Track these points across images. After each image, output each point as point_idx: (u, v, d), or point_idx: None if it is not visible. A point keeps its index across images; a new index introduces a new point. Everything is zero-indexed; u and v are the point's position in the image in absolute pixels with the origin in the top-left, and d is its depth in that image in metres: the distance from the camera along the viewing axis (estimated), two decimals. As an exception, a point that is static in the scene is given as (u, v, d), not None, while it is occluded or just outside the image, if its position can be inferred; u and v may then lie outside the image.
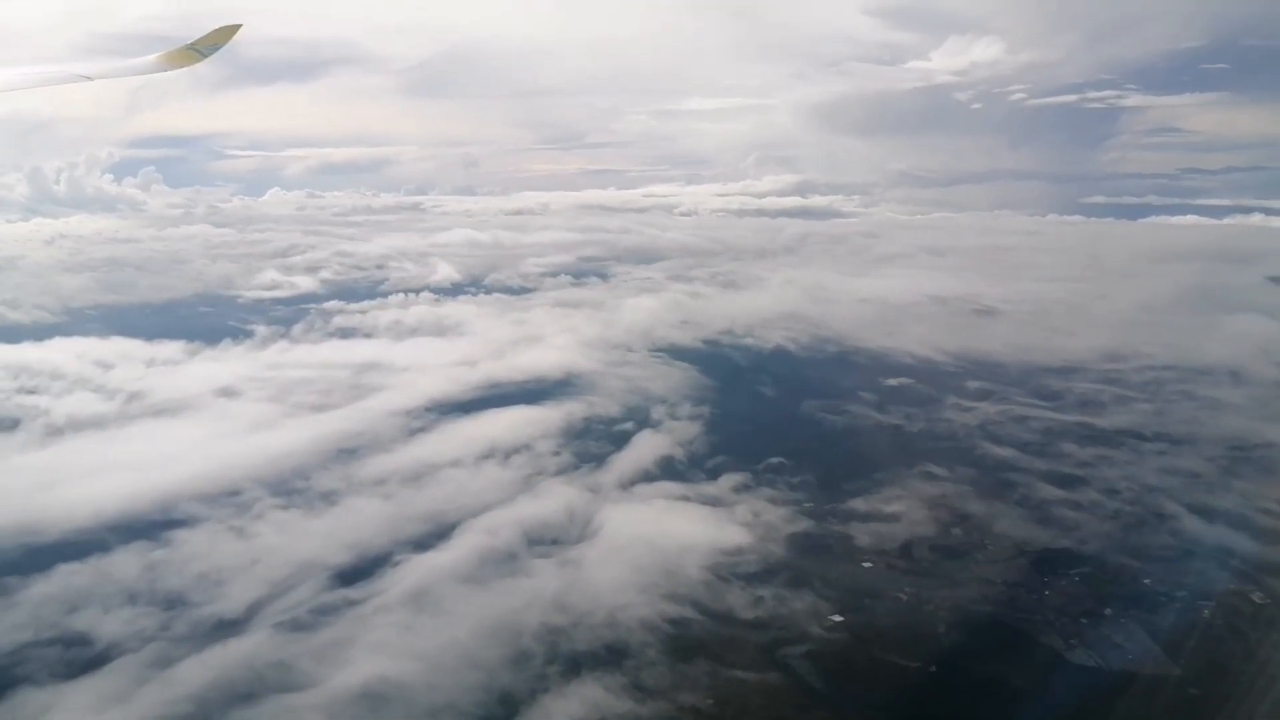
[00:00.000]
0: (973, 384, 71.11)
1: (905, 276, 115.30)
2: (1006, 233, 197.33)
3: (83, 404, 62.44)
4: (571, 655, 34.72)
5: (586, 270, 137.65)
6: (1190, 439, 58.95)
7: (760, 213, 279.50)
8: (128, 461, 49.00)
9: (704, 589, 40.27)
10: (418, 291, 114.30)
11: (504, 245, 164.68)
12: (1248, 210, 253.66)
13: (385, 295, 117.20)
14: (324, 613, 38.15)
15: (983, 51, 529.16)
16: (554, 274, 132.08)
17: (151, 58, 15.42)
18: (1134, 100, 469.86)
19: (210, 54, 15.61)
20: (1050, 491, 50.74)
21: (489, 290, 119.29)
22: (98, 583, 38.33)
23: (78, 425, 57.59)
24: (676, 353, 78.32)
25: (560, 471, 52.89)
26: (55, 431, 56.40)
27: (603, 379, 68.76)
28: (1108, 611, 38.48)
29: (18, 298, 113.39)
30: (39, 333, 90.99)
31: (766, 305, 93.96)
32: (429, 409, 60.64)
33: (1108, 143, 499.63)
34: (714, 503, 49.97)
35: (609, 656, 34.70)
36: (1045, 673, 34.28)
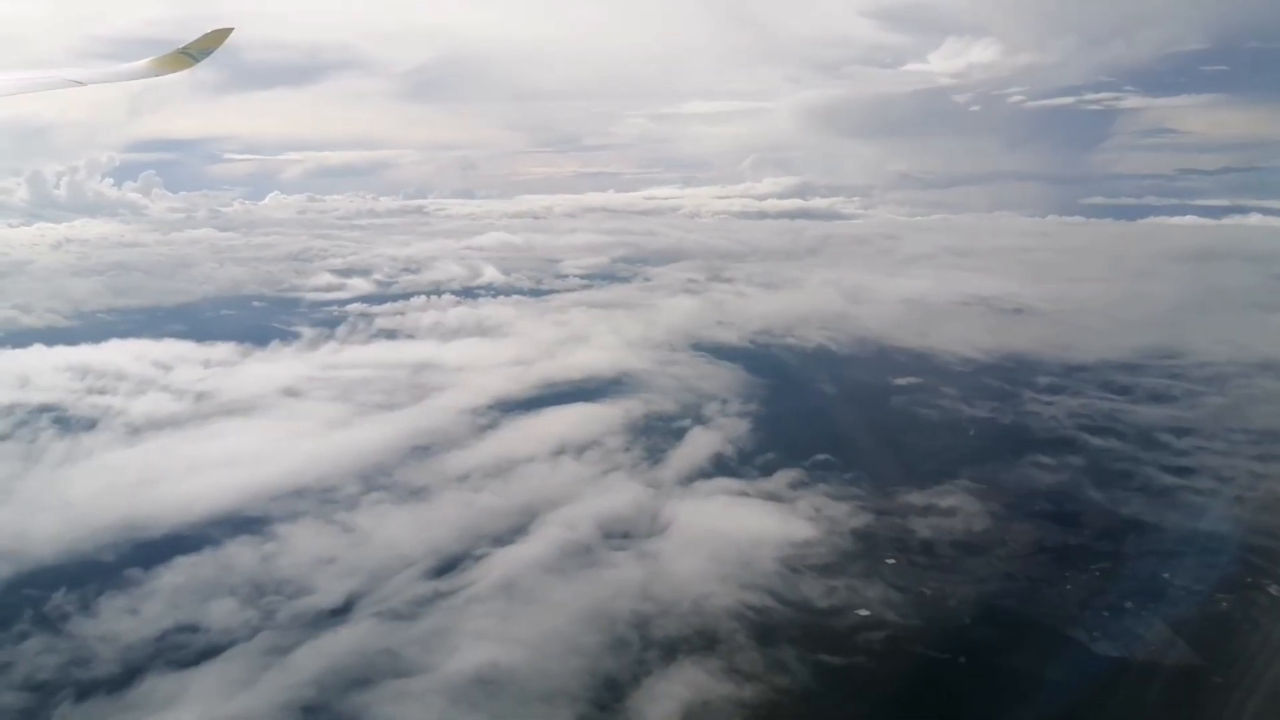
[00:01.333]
0: (1042, 379, 71.90)
1: (937, 277, 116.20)
2: (1023, 234, 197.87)
3: (157, 404, 63.80)
4: (665, 641, 35.80)
5: (620, 271, 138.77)
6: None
7: (762, 215, 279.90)
8: (218, 459, 50.22)
9: (779, 579, 41.31)
10: (461, 294, 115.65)
11: (536, 248, 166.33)
12: (1245, 210, 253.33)
13: (427, 296, 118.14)
14: (419, 603, 39.21)
15: (980, 54, 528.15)
16: (589, 275, 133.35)
17: (143, 62, 15.23)
18: (1131, 102, 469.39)
19: (202, 58, 15.45)
20: (1169, 480, 51.90)
21: (525, 292, 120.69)
22: (205, 575, 39.53)
23: (156, 424, 58.87)
24: (719, 352, 79.35)
25: (624, 467, 53.96)
26: (136, 430, 57.69)
27: (653, 377, 69.93)
28: (1128, 605, 39.05)
29: (29, 302, 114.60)
30: (51, 337, 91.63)
31: (804, 305, 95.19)
32: (492, 407, 61.91)
33: (1104, 144, 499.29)
34: (772, 498, 50.88)
35: (701, 643, 35.79)
36: (1075, 664, 34.99)
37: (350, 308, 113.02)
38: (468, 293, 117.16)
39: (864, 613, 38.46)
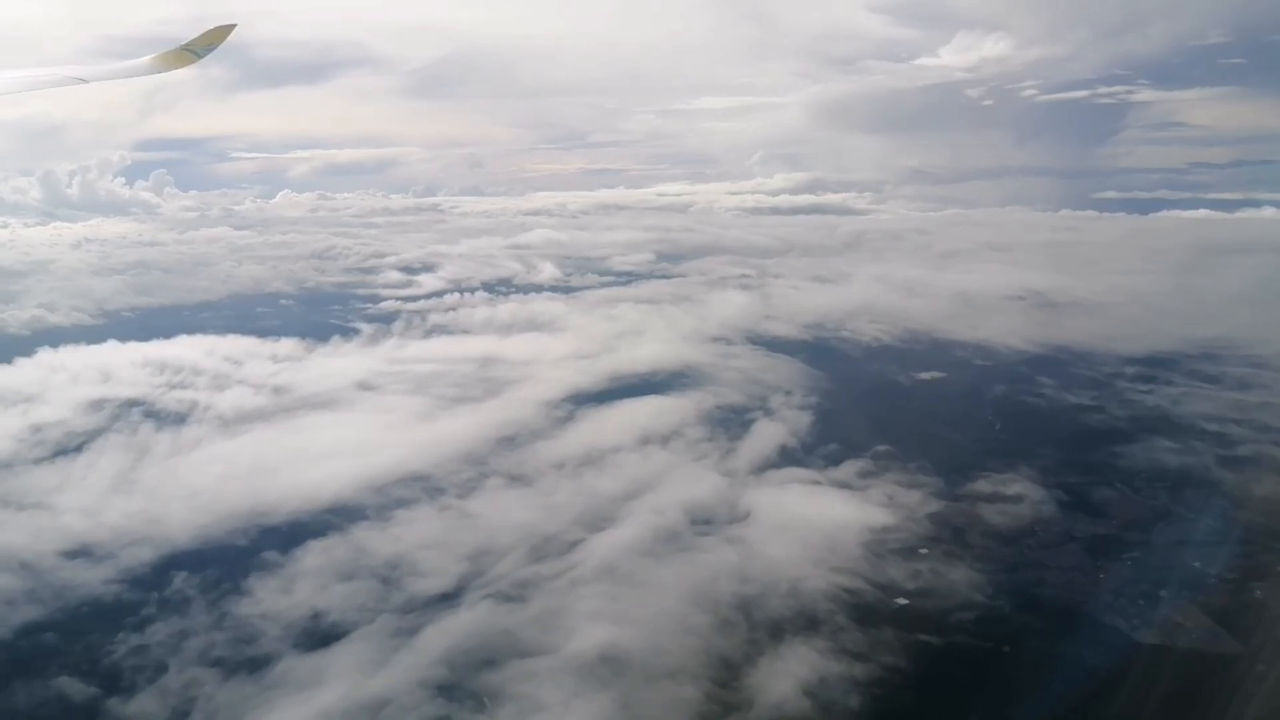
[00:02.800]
0: (1128, 370, 72.37)
1: (983, 272, 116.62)
2: (1053, 229, 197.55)
3: (241, 398, 65.32)
4: (769, 622, 36.80)
5: (663, 267, 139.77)
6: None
7: (775, 210, 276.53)
8: (321, 449, 51.74)
9: (865, 563, 42.23)
10: (519, 291, 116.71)
11: (581, 244, 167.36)
12: (1258, 204, 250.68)
13: (486, 293, 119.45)
14: (525, 586, 40.31)
15: (992, 48, 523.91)
16: (634, 271, 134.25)
17: (146, 59, 15.09)
18: (1143, 95, 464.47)
19: (205, 55, 15.29)
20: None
21: (574, 288, 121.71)
22: (327, 560, 40.88)
23: (247, 417, 60.41)
24: (776, 345, 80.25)
25: (700, 457, 55.03)
26: (231, 423, 59.22)
27: (716, 370, 70.94)
28: (1163, 593, 39.31)
29: (54, 301, 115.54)
30: (78, 335, 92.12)
31: (855, 300, 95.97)
32: (566, 399, 63.11)
33: (1114, 138, 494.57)
34: (844, 486, 51.85)
35: (803, 624, 36.75)
36: (1118, 652, 35.36)
37: (402, 304, 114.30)
38: (514, 288, 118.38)
39: (908, 599, 39.24)
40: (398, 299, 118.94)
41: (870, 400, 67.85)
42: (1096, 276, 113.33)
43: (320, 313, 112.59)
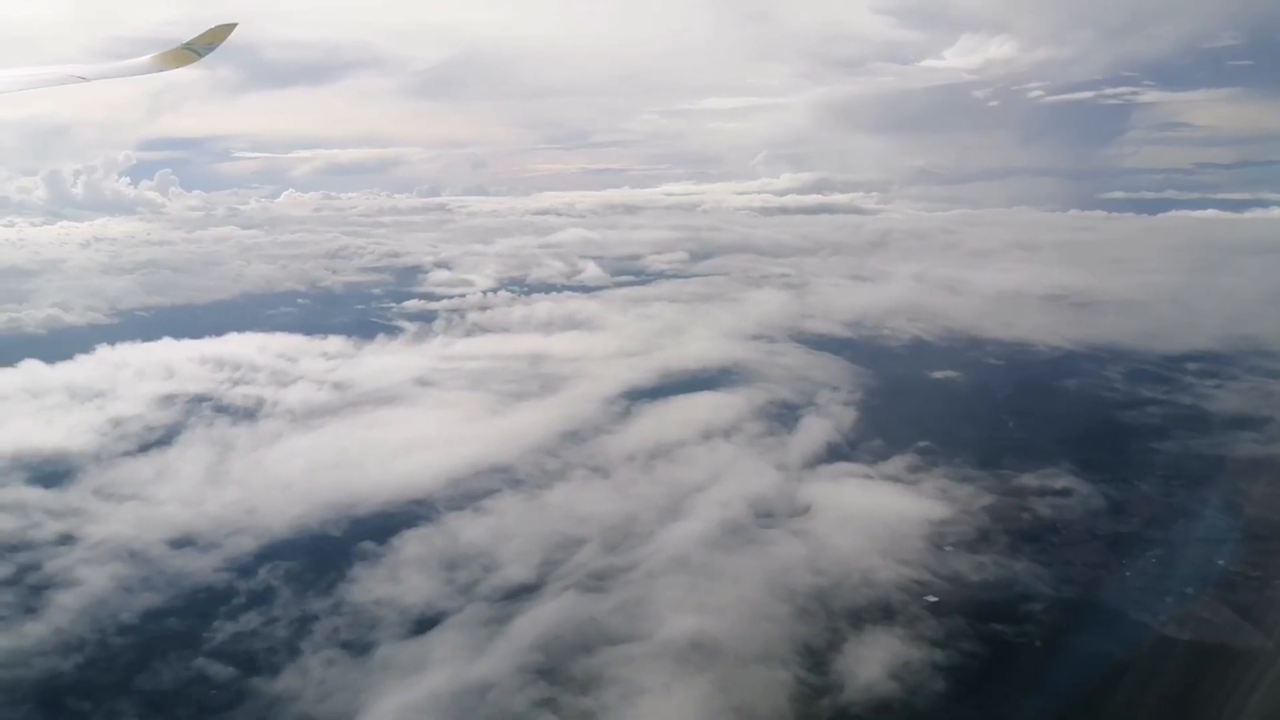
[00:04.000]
0: (1166, 367, 72.81)
1: (1018, 271, 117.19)
2: (1076, 228, 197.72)
3: (307, 393, 66.68)
4: (846, 611, 37.76)
5: (696, 266, 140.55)
6: None
7: (783, 210, 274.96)
8: (398, 443, 53.01)
9: (930, 555, 43.18)
10: (555, 290, 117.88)
11: (612, 244, 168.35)
12: (1266, 204, 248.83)
13: (523, 292, 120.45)
14: (604, 576, 41.26)
15: (997, 49, 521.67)
16: (668, 270, 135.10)
17: (147, 58, 14.99)
18: (1148, 96, 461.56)
19: (206, 53, 15.18)
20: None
21: (604, 287, 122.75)
22: (418, 549, 42.01)
23: (316, 412, 61.77)
24: (818, 343, 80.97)
25: (756, 452, 55.98)
26: (303, 417, 60.55)
27: (762, 367, 71.91)
28: (1189, 590, 39.66)
29: (68, 300, 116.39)
30: (97, 335, 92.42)
31: (892, 298, 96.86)
32: (622, 396, 64.24)
33: (1119, 138, 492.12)
34: (895, 481, 52.76)
35: (879, 613, 37.66)
36: (1149, 647, 35.61)
37: (429, 303, 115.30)
38: (551, 287, 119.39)
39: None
40: (432, 298, 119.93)
41: (913, 397, 68.73)
42: (1126, 275, 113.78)
43: (342, 311, 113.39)
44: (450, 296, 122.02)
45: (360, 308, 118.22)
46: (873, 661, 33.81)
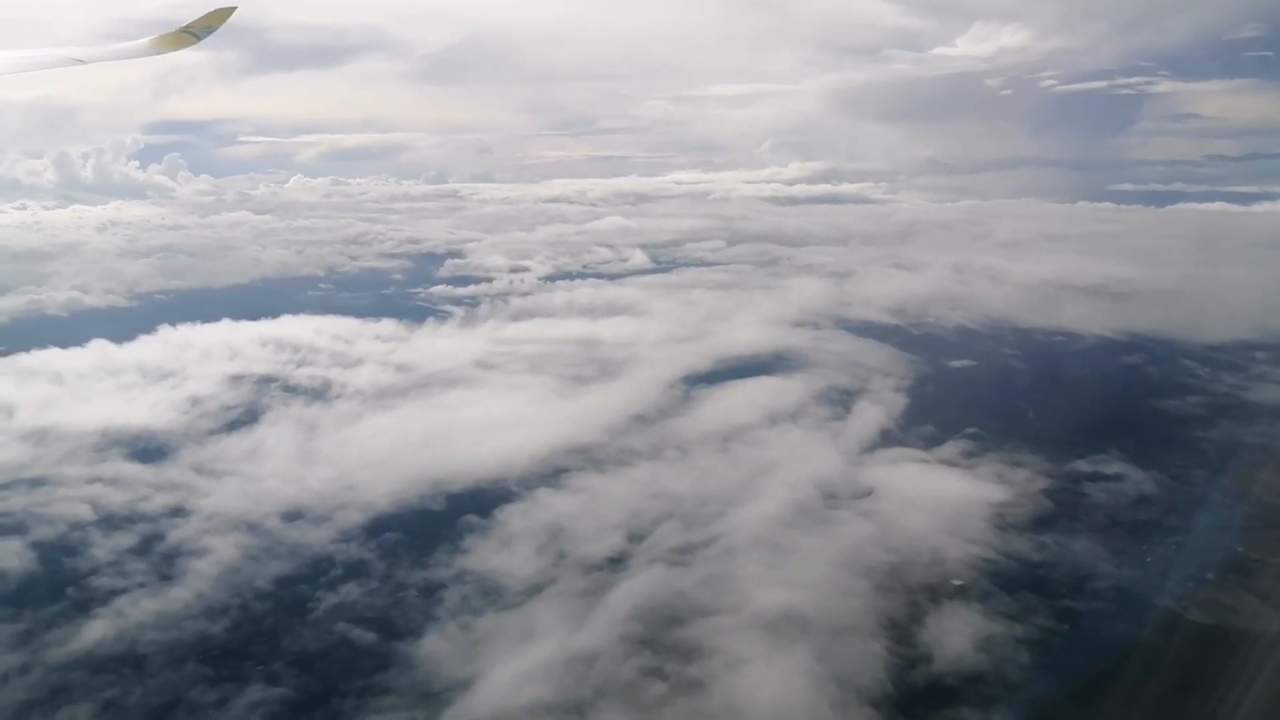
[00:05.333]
0: (1210, 356, 73.52)
1: (1055, 261, 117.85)
2: (1099, 220, 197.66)
3: (374, 374, 68.61)
4: (922, 587, 39.38)
5: (728, 253, 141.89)
6: None
7: (792, 200, 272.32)
8: (475, 423, 54.83)
9: (994, 536, 44.78)
10: (597, 277, 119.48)
11: (650, 231, 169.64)
12: (1275, 197, 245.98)
13: (570, 279, 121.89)
14: (686, 553, 42.93)
15: (1010, 37, 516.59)
16: (709, 257, 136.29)
17: (145, 41, 14.84)
18: (1162, 86, 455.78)
19: (205, 36, 15.04)
20: None
21: (639, 273, 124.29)
22: (508, 524, 43.74)
23: (385, 393, 63.68)
24: (864, 330, 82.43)
25: (815, 435, 57.61)
26: (373, 398, 62.49)
27: (813, 353, 73.46)
28: (1209, 577, 40.47)
29: (88, 283, 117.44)
30: (116, 317, 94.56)
31: (932, 286, 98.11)
32: (681, 380, 65.92)
33: (1129, 129, 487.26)
34: (951, 465, 54.27)
35: (953, 588, 39.50)
36: (1175, 632, 36.47)
37: (452, 289, 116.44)
38: (594, 274, 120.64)
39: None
40: (460, 283, 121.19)
41: (960, 383, 70.11)
42: (1159, 267, 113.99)
43: (368, 296, 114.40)
44: (480, 280, 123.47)
45: (387, 293, 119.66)
46: (957, 634, 35.38)
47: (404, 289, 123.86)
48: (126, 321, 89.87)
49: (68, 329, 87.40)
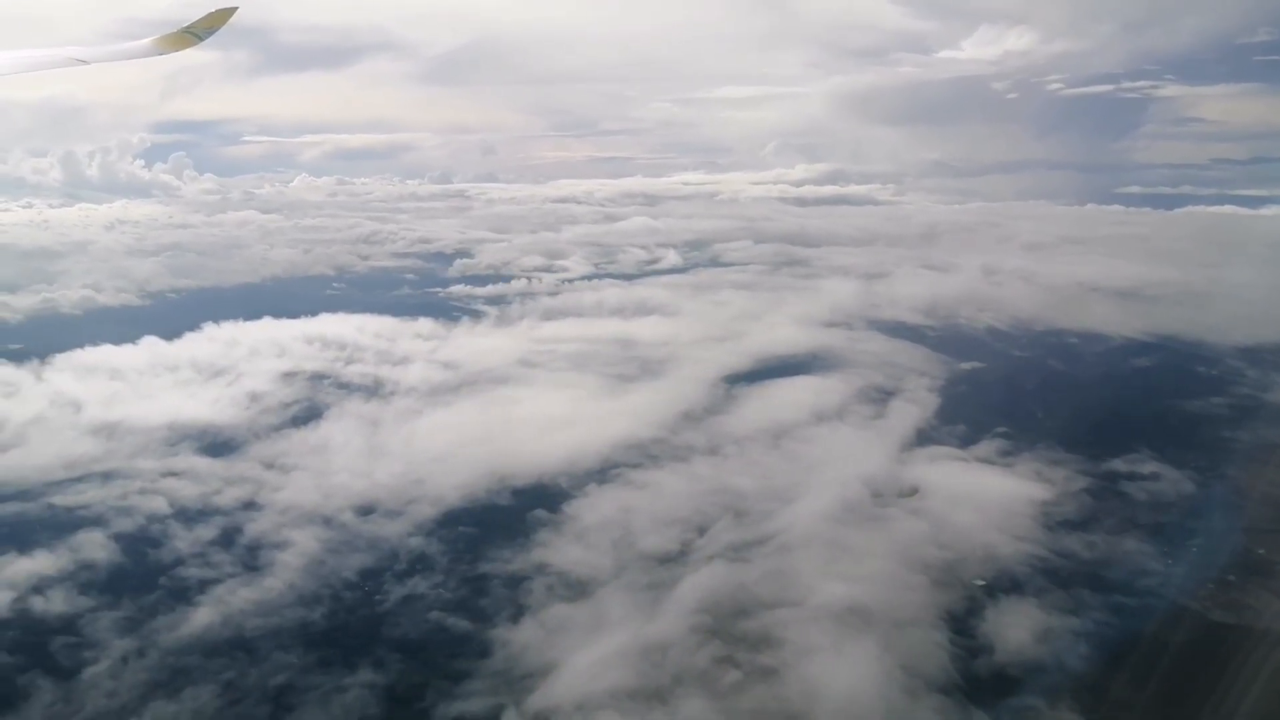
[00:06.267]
0: (1239, 358, 73.98)
1: (1081, 264, 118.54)
2: (1120, 223, 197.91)
3: (424, 372, 69.80)
4: (978, 582, 40.50)
5: (758, 253, 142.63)
6: None
7: (800, 201, 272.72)
8: (532, 420, 55.96)
9: (1042, 533, 45.64)
10: (626, 277, 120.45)
11: (676, 232, 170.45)
12: None
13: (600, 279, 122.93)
14: (743, 548, 43.84)
15: (1016, 40, 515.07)
16: (739, 258, 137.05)
17: (147, 41, 14.75)
18: (1168, 90, 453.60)
19: (206, 37, 14.96)
20: None
21: (662, 272, 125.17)
22: (575, 518, 44.78)
23: (437, 390, 64.88)
24: (898, 331, 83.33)
25: (859, 434, 58.52)
26: (426, 395, 63.67)
27: (848, 354, 74.41)
28: (1231, 578, 41.05)
29: (99, 281, 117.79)
30: (128, 316, 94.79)
31: (962, 288, 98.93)
32: (722, 379, 66.92)
33: (1135, 132, 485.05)
34: (990, 463, 55.10)
35: (1009, 584, 40.24)
36: (1199, 631, 36.89)
37: (473, 288, 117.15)
38: (622, 274, 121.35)
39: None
40: (478, 282, 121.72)
41: (993, 383, 70.85)
42: (1184, 270, 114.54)
43: (384, 295, 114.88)
44: (498, 280, 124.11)
45: (401, 292, 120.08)
46: (1017, 628, 36.31)
47: (420, 288, 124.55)
48: (141, 320, 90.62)
49: (82, 327, 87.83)
